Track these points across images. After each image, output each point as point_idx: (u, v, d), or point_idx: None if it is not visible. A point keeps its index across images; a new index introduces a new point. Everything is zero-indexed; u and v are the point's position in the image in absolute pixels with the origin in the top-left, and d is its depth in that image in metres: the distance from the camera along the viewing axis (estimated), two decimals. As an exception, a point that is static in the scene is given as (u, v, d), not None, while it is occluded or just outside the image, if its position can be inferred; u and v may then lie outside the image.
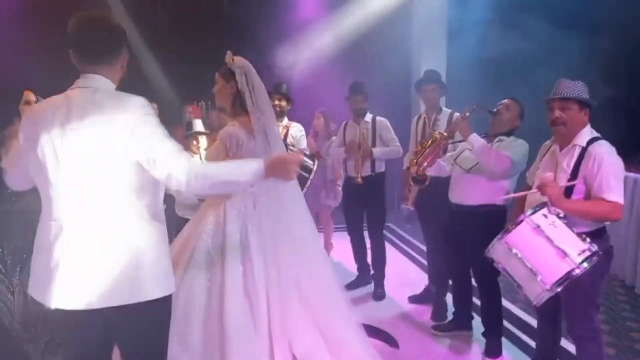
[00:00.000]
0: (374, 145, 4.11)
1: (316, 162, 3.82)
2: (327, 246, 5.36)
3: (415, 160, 3.29)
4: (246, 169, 1.79)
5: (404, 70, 6.97)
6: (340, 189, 4.94)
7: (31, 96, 2.70)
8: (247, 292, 2.46)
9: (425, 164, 3.22)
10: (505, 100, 3.15)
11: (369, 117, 4.20)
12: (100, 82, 1.72)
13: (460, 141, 3.20)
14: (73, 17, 1.73)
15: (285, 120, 4.22)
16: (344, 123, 4.36)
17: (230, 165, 1.88)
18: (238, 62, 2.57)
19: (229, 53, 2.60)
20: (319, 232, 5.23)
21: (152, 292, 1.71)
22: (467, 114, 3.08)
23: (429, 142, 3.24)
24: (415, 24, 6.87)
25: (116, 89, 1.77)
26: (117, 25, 1.77)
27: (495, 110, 3.12)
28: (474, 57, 6.11)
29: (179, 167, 1.65)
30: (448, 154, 3.33)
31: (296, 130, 4.21)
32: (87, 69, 1.73)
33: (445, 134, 3.21)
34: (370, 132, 4.14)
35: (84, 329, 1.72)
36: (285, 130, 4.12)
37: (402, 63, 6.86)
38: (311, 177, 3.81)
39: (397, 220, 6.43)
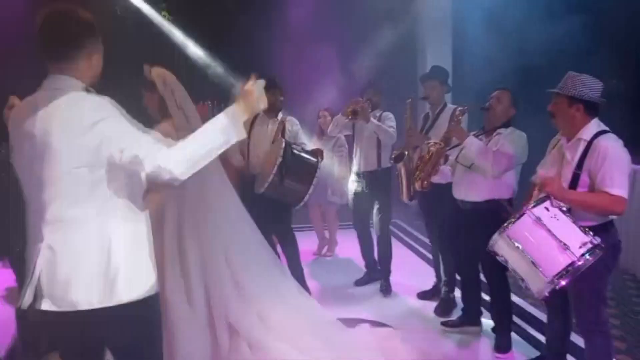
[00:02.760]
0: (378, 144, 4.10)
1: (320, 158, 3.83)
2: (332, 243, 5.38)
3: (418, 175, 3.31)
4: (213, 131, 1.71)
5: (409, 64, 6.95)
6: (345, 187, 4.95)
7: (16, 101, 2.73)
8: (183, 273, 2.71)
9: (429, 177, 3.27)
10: (496, 93, 3.15)
11: (378, 112, 4.18)
12: (65, 83, 1.64)
13: (458, 145, 3.22)
14: (40, 15, 1.63)
15: (280, 115, 4.17)
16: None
17: (198, 137, 1.69)
18: (156, 72, 2.76)
19: (146, 67, 2.76)
20: (324, 229, 5.34)
21: (127, 294, 1.65)
22: (460, 117, 3.13)
23: (428, 156, 3.26)
24: (420, 17, 6.83)
25: (91, 88, 1.69)
26: (81, 19, 1.65)
27: (487, 105, 3.12)
28: (482, 49, 6.06)
29: (164, 158, 1.58)
30: (450, 158, 3.31)
31: (292, 124, 4.17)
32: (53, 67, 1.65)
33: (441, 143, 3.22)
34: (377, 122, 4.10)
35: (64, 331, 1.67)
36: (281, 126, 4.08)
37: (407, 57, 6.85)
38: (317, 175, 3.81)
39: (406, 217, 6.41)
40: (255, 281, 2.91)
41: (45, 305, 1.62)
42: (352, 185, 4.37)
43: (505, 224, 2.27)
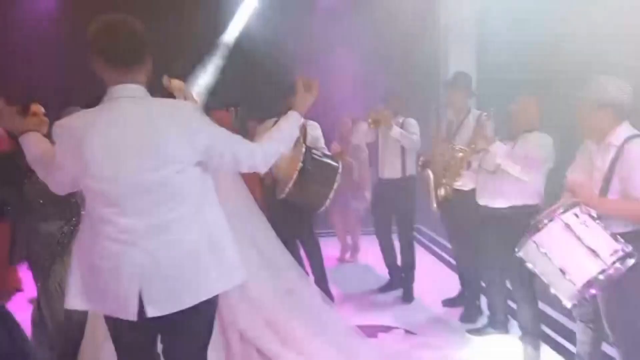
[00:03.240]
0: (403, 151, 4.07)
1: (340, 162, 3.83)
2: (355, 249, 5.36)
3: (443, 182, 3.28)
4: (293, 128, 2.02)
5: (432, 69, 6.89)
6: (367, 193, 4.94)
7: (38, 108, 2.83)
8: None
9: (452, 184, 3.26)
10: (520, 98, 3.11)
11: (401, 118, 4.16)
12: (139, 91, 1.70)
13: (483, 150, 3.17)
14: (95, 22, 1.66)
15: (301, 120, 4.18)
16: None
17: (283, 134, 1.98)
18: (175, 84, 2.76)
19: (165, 78, 2.75)
20: (346, 234, 5.33)
21: (224, 284, 1.79)
22: (485, 123, 3.10)
23: (453, 163, 3.23)
24: (442, 20, 6.78)
25: None
26: (141, 29, 1.70)
27: (511, 111, 3.08)
28: (507, 52, 5.97)
29: (260, 157, 1.84)
30: (473, 163, 3.27)
31: (313, 129, 4.17)
32: (122, 77, 1.66)
33: (466, 150, 3.19)
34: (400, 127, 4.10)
35: (142, 335, 1.76)
36: (302, 130, 4.05)
37: (430, 62, 6.79)
38: (337, 179, 3.81)
39: (430, 223, 6.33)
40: (264, 286, 2.87)
41: (153, 312, 1.65)
42: (376, 192, 4.34)
43: (533, 230, 2.22)
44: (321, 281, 4.17)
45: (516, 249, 2.30)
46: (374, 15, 6.45)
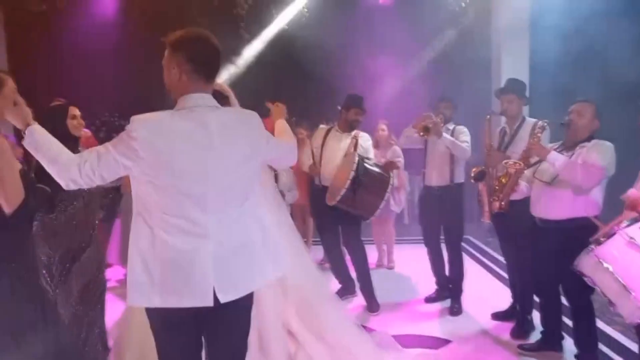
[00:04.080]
0: (452, 158, 3.99)
1: (392, 173, 3.80)
2: (391, 254, 5.30)
3: (496, 197, 3.21)
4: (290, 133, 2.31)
5: (483, 76, 6.75)
6: (403, 197, 4.88)
7: (76, 111, 2.97)
8: None
9: (508, 198, 3.17)
10: (575, 106, 2.98)
11: (451, 124, 4.10)
12: (213, 100, 1.85)
13: (538, 162, 3.07)
14: (186, 32, 1.82)
15: (354, 132, 4.21)
16: None
17: (288, 138, 2.26)
18: (225, 87, 2.91)
19: (217, 83, 2.90)
20: (382, 241, 5.28)
21: (279, 269, 2.02)
22: (539, 134, 2.99)
23: (506, 178, 3.15)
24: (495, 26, 6.63)
25: None
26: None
27: (567, 120, 2.96)
28: (561, 58, 5.78)
29: (293, 152, 2.20)
30: (527, 173, 3.16)
31: (365, 140, 4.19)
32: (203, 87, 1.81)
33: (520, 163, 3.07)
34: (450, 135, 4.01)
35: (194, 330, 1.87)
36: (354, 141, 4.12)
37: (481, 68, 6.66)
38: (389, 190, 3.78)
39: (478, 233, 6.18)
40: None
41: (225, 298, 1.80)
42: (423, 200, 4.27)
43: (594, 243, 2.12)
44: (366, 288, 4.15)
45: (574, 263, 2.20)
46: (422, 20, 6.41)
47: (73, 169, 1.73)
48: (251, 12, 6.27)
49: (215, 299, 1.78)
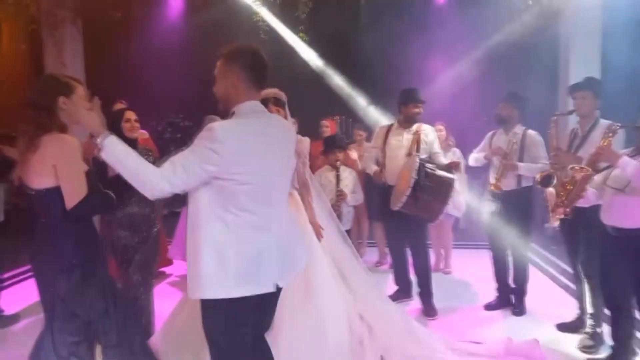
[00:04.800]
0: (520, 159, 3.87)
1: (455, 174, 3.73)
2: (449, 258, 5.17)
3: (561, 203, 3.08)
4: None
5: (550, 75, 6.46)
6: (462, 199, 4.71)
7: (132, 115, 3.13)
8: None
9: (572, 205, 3.05)
10: None
11: (519, 129, 3.96)
12: (263, 107, 2.10)
13: (607, 167, 2.91)
14: (246, 46, 2.02)
15: (415, 125, 4.13)
16: (490, 133, 4.16)
17: None
18: (281, 93, 3.06)
19: (275, 90, 3.07)
20: (440, 245, 5.18)
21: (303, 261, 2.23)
22: (610, 138, 2.84)
23: (572, 185, 3.02)
24: (563, 24, 6.33)
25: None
26: None
27: None
28: (635, 60, 5.44)
29: None
30: (596, 178, 3.00)
31: (427, 133, 4.10)
32: (253, 95, 2.03)
33: (588, 169, 2.92)
34: (519, 145, 3.90)
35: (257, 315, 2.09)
36: (416, 137, 4.04)
37: (548, 68, 6.39)
38: (452, 193, 3.71)
39: (542, 240, 5.93)
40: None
41: (283, 283, 2.08)
42: (489, 204, 4.13)
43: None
44: (425, 292, 4.10)
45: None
46: (484, 19, 6.23)
47: (162, 184, 1.85)
48: (311, 15, 6.33)
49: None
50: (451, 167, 3.86)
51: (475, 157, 4.14)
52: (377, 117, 6.77)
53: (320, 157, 4.56)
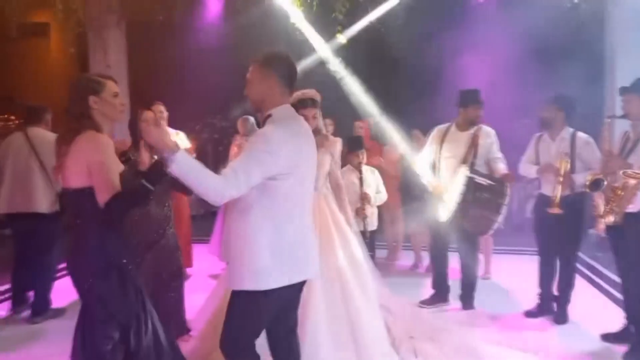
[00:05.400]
0: (572, 167, 3.64)
1: (508, 185, 3.57)
2: (488, 265, 5.02)
3: (610, 209, 2.95)
4: None
5: (595, 75, 6.22)
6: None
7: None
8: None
9: (622, 211, 2.93)
10: None
11: (567, 132, 3.74)
12: (294, 110, 2.25)
13: None
14: (280, 52, 2.17)
15: (474, 128, 3.94)
16: (536, 136, 3.97)
17: None
18: (315, 93, 3.08)
19: (313, 91, 3.12)
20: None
21: None
22: None
23: (622, 190, 2.88)
24: (610, 23, 6.08)
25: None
26: None
27: None
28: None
29: None
30: None
31: (486, 136, 3.90)
32: (286, 99, 2.16)
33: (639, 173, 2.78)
34: (569, 152, 3.67)
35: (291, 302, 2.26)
36: (474, 140, 3.86)
37: (593, 68, 6.14)
38: (504, 206, 3.57)
39: (587, 247, 5.69)
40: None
41: (316, 274, 2.28)
42: (538, 209, 3.93)
43: None
44: (468, 297, 4.02)
45: None
46: (527, 13, 6.05)
47: (228, 190, 1.95)
48: (349, 16, 6.33)
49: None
50: (505, 179, 3.67)
51: (527, 170, 3.94)
52: (412, 118, 6.68)
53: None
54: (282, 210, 2.08)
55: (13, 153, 4.02)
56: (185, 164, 1.91)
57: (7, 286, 4.34)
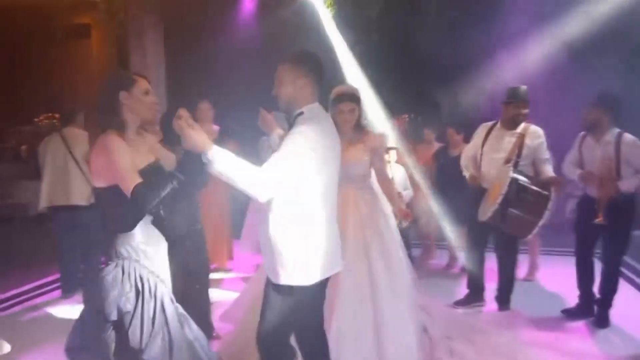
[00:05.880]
0: (617, 171, 3.48)
1: (552, 192, 3.44)
2: (533, 267, 4.90)
3: None
4: None
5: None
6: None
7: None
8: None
9: None
10: None
11: (612, 134, 3.56)
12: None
13: None
14: (309, 52, 2.24)
15: (520, 127, 3.78)
16: (580, 135, 3.82)
17: None
18: (357, 90, 3.11)
19: (351, 86, 3.16)
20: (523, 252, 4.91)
21: None
22: None
23: None
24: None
25: None
26: None
27: None
28: None
29: None
30: None
31: (534, 137, 3.71)
32: (315, 97, 2.21)
33: None
34: (614, 155, 3.50)
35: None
36: (519, 141, 3.70)
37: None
38: (547, 211, 3.44)
39: (635, 251, 5.46)
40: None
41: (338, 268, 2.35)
42: (582, 209, 3.81)
43: None
44: (504, 299, 3.96)
45: None
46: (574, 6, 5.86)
47: (270, 185, 2.00)
48: (382, 14, 6.30)
49: None
50: (551, 183, 3.54)
51: (570, 172, 3.78)
52: (447, 115, 6.60)
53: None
54: (313, 206, 2.14)
55: (51, 152, 4.44)
56: (223, 163, 1.92)
57: (56, 276, 4.73)
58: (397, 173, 4.29)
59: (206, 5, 6.55)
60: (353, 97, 3.05)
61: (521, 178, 3.48)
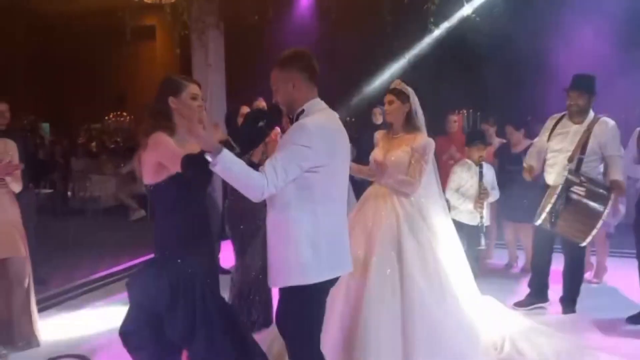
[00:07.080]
0: None
1: (613, 196, 3.28)
2: (601, 269, 4.67)
3: None
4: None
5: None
6: (622, 206, 4.24)
7: (246, 110, 3.26)
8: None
9: None
10: None
11: None
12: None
13: None
14: (303, 51, 2.18)
15: (590, 116, 3.53)
16: (637, 131, 3.65)
17: None
18: (405, 86, 3.02)
19: (397, 81, 3.08)
20: (590, 253, 4.67)
21: None
22: None
23: None
24: None
25: None
26: None
27: None
28: None
29: None
30: None
31: (602, 131, 3.44)
32: (314, 94, 2.16)
33: None
34: None
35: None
36: (584, 136, 3.47)
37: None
38: (597, 225, 3.28)
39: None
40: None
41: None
42: None
43: None
44: (570, 301, 3.82)
45: None
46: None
47: (269, 188, 1.96)
48: (441, 7, 6.19)
49: None
50: (613, 187, 3.34)
51: (633, 172, 3.67)
52: (506, 111, 6.39)
53: (463, 151, 4.52)
54: (320, 203, 2.08)
55: None
56: (226, 165, 1.92)
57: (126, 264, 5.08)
58: (487, 172, 4.22)
59: (265, 5, 6.69)
60: (394, 90, 3.04)
61: (576, 183, 3.29)
